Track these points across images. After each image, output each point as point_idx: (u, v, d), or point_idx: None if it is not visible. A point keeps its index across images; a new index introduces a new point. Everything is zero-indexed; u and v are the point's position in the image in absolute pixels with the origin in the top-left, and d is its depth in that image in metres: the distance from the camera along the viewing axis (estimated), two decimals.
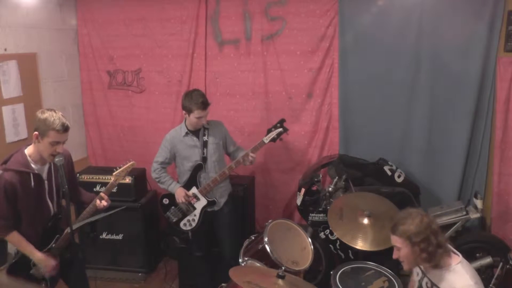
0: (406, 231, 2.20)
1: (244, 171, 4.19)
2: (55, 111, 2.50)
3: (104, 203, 2.71)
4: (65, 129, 2.48)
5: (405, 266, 2.32)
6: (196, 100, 3.27)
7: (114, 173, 2.76)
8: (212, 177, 3.42)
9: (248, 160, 3.39)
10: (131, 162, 2.81)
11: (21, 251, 2.60)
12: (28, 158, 2.55)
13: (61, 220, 2.74)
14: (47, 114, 2.46)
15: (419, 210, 2.35)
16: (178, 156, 3.49)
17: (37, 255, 2.59)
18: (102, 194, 2.72)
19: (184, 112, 3.38)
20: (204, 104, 3.30)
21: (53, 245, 2.69)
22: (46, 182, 2.63)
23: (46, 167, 2.63)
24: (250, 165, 3.53)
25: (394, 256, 2.32)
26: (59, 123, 2.45)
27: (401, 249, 2.25)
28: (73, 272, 2.86)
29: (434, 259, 2.20)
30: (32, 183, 2.55)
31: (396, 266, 2.74)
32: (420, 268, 2.38)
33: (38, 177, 2.58)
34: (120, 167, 2.77)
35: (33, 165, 2.55)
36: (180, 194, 3.44)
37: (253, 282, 2.26)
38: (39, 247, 2.63)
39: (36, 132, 2.49)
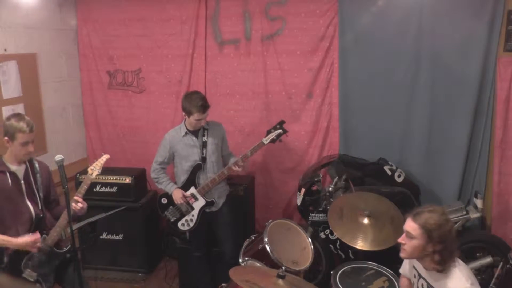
0: (429, 223, 2.12)
1: (244, 171, 4.19)
2: (19, 114, 2.68)
3: (79, 205, 2.72)
4: (31, 129, 2.60)
5: (404, 254, 2.25)
6: (195, 103, 3.27)
7: (89, 167, 2.82)
8: (210, 177, 3.43)
9: (234, 169, 3.37)
10: (105, 155, 2.91)
11: None
12: (4, 160, 2.68)
13: (45, 220, 2.76)
14: (12, 120, 2.60)
15: (447, 212, 2.27)
16: (177, 155, 3.49)
17: (14, 242, 2.58)
18: (76, 197, 2.74)
19: (183, 113, 3.38)
20: (204, 107, 3.30)
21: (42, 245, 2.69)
22: (23, 182, 2.70)
23: (23, 168, 2.72)
24: (242, 170, 3.54)
25: (401, 240, 2.24)
26: (24, 124, 2.58)
27: (414, 239, 2.17)
28: (70, 276, 2.84)
29: (444, 265, 2.15)
30: (10, 182, 2.63)
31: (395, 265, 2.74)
32: (416, 269, 2.37)
33: (14, 176, 2.67)
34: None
35: (8, 165, 2.66)
36: (177, 195, 3.44)
37: (253, 282, 2.26)
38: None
39: (6, 138, 2.60)
